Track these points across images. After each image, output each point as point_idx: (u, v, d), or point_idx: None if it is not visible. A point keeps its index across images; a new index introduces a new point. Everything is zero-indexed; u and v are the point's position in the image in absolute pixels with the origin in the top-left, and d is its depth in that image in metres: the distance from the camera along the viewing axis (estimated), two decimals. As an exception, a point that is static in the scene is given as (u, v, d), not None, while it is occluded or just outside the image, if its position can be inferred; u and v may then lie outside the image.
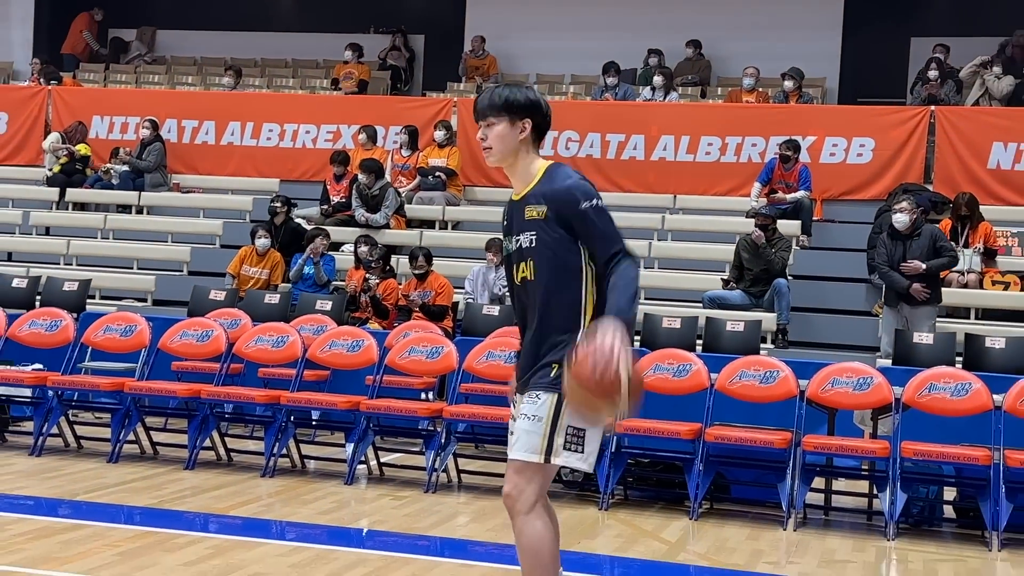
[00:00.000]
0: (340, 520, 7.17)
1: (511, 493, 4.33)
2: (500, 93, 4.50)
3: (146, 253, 13.84)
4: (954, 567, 6.77)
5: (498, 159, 4.49)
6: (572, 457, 4.31)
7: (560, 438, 4.27)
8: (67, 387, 8.79)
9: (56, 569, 5.55)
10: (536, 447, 4.28)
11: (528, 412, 4.31)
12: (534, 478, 4.32)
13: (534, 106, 4.46)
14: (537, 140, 4.51)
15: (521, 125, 4.44)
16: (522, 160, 4.48)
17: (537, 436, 4.28)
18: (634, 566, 6.40)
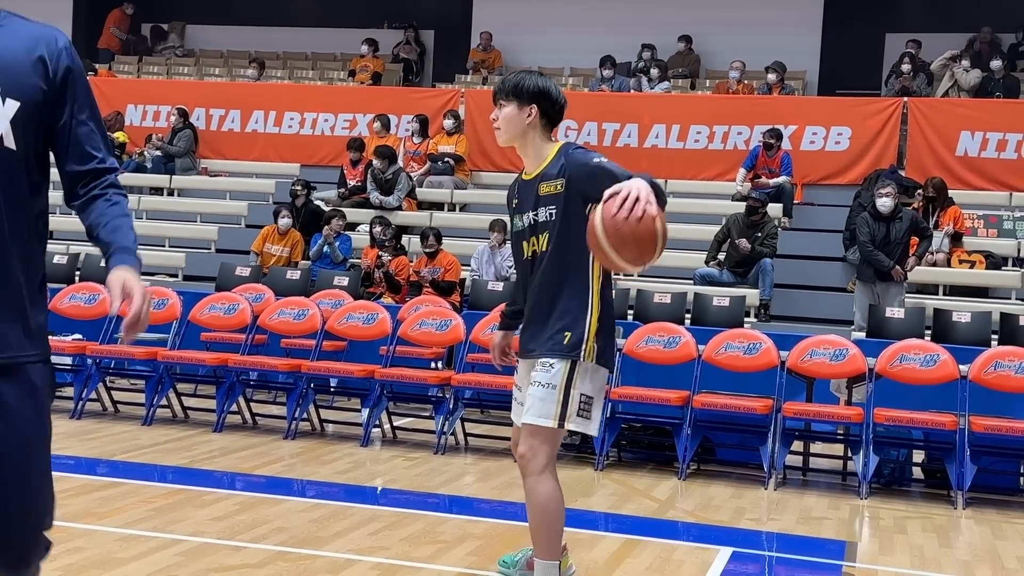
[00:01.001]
0: (356, 479, 7.19)
1: (526, 454, 4.37)
2: (512, 79, 4.51)
3: (177, 232, 13.85)
4: (922, 524, 6.78)
5: (505, 139, 4.50)
6: (582, 423, 4.36)
7: (573, 405, 4.31)
8: (105, 355, 8.83)
9: (95, 523, 5.58)
10: (550, 413, 4.30)
11: (542, 380, 4.32)
12: (547, 441, 4.36)
13: (542, 93, 4.44)
14: (548, 125, 4.50)
15: (528, 110, 4.43)
16: (531, 142, 4.47)
17: (551, 403, 4.30)
18: (627, 522, 6.42)
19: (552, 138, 4.54)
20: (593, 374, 4.36)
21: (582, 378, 4.32)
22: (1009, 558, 6.06)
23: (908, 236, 10.60)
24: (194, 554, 5.14)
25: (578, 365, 4.31)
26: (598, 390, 4.41)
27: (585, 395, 4.33)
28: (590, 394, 4.35)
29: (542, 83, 4.48)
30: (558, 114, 4.53)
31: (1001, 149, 13.37)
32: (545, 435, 4.33)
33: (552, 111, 4.49)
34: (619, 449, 8.30)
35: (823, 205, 13.53)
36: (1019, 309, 10.75)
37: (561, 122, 4.61)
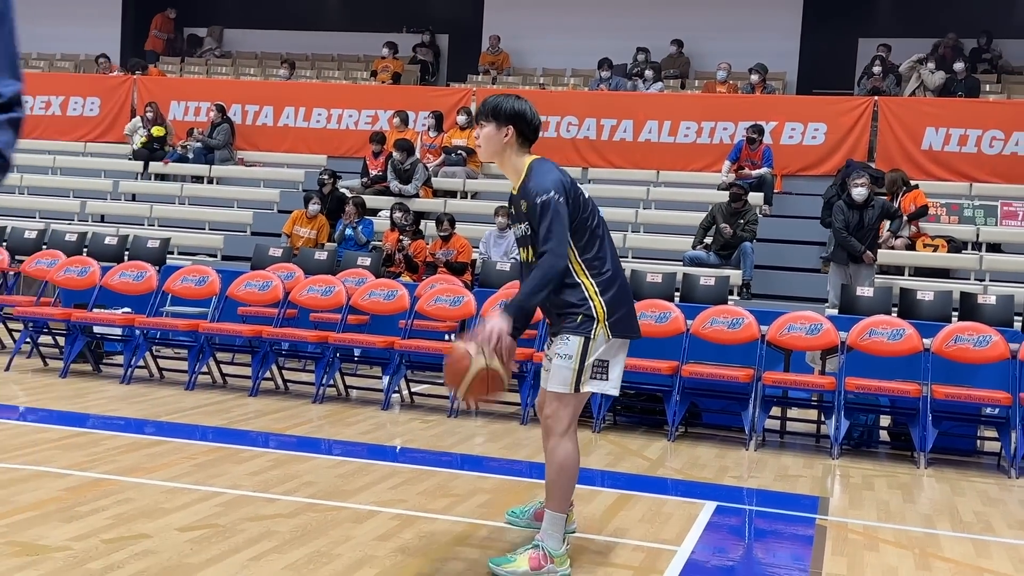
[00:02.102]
0: (377, 439, 7.22)
1: (550, 417, 4.43)
2: (491, 101, 4.54)
3: (215, 217, 13.86)
4: (887, 481, 6.81)
5: (486, 156, 4.57)
6: (598, 384, 4.41)
7: (587, 372, 4.37)
8: (151, 327, 8.85)
9: (143, 477, 5.61)
10: (567, 380, 4.37)
11: (560, 352, 4.39)
12: (568, 405, 4.41)
13: (518, 115, 4.47)
14: (524, 143, 4.51)
15: (505, 130, 4.46)
16: (508, 159, 4.51)
17: (568, 371, 4.36)
18: (621, 479, 6.44)
19: (528, 153, 4.53)
20: (608, 344, 4.39)
21: (597, 349, 4.37)
22: (966, 512, 6.08)
23: (879, 222, 10.63)
24: (232, 505, 5.17)
25: (592, 342, 4.35)
26: (615, 353, 4.44)
27: (599, 360, 4.38)
28: (605, 359, 4.39)
29: (518, 106, 4.49)
30: (533, 133, 4.53)
31: (963, 144, 13.35)
32: (565, 400, 4.39)
33: (527, 131, 4.50)
34: (614, 413, 8.32)
35: (800, 194, 13.51)
36: (977, 288, 10.75)
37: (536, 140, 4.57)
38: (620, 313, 4.41)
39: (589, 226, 4.44)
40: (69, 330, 8.99)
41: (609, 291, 4.39)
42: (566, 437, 4.39)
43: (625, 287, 4.52)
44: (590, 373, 4.37)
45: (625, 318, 4.45)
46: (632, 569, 4.59)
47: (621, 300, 4.44)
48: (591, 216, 4.46)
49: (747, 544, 5.34)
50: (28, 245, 11.72)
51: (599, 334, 4.35)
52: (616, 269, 4.47)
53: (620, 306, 4.42)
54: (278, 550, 4.52)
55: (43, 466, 5.68)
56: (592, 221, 4.46)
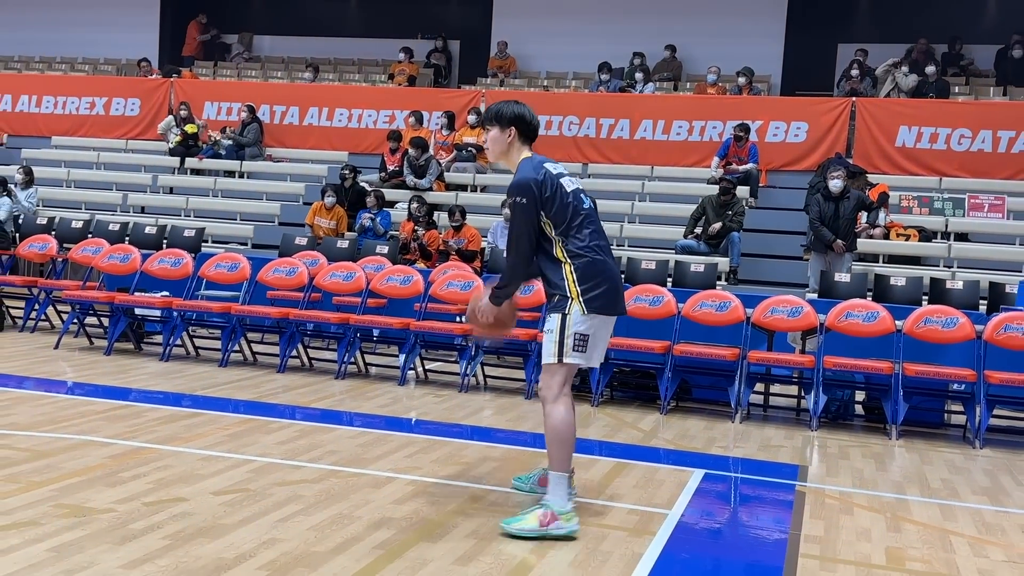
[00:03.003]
0: (394, 412, 7.24)
1: (542, 386, 4.58)
2: (494, 108, 4.72)
3: (246, 208, 13.87)
4: (861, 451, 6.81)
5: (494, 156, 4.74)
6: (578, 357, 4.52)
7: (568, 344, 4.48)
8: (188, 309, 8.87)
9: (181, 445, 5.64)
10: (552, 352, 4.52)
11: (546, 328, 4.59)
12: (556, 374, 4.53)
13: (518, 118, 4.67)
14: (525, 142, 4.70)
15: (508, 132, 4.64)
16: (512, 158, 4.68)
17: (552, 344, 4.52)
18: (618, 448, 6.46)
19: (528, 150, 4.71)
20: (586, 320, 4.48)
21: (574, 324, 4.48)
22: (934, 480, 6.09)
23: (855, 213, 10.59)
24: (262, 471, 5.20)
25: (568, 317, 4.48)
26: (596, 330, 4.52)
27: (580, 334, 4.48)
28: (584, 332, 4.49)
29: (518, 109, 4.68)
30: (533, 132, 4.71)
31: (933, 141, 13.33)
32: (552, 370, 4.52)
33: (528, 131, 4.69)
34: (612, 389, 8.34)
35: (784, 187, 13.49)
36: (946, 275, 10.73)
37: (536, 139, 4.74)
38: (597, 292, 4.48)
39: (568, 215, 4.52)
40: (112, 312, 9.02)
41: (587, 272, 4.49)
42: (558, 403, 4.49)
43: (607, 269, 4.55)
44: (571, 346, 4.48)
45: (603, 296, 4.50)
46: (627, 530, 4.61)
47: (600, 280, 4.50)
48: (571, 207, 4.53)
49: (732, 508, 5.36)
50: (75, 234, 11.74)
51: (574, 310, 4.48)
52: (598, 253, 4.54)
53: (598, 286, 4.49)
54: (304, 512, 4.54)
55: (89, 436, 5.71)
56: (572, 211, 4.53)
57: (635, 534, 4.55)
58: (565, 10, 18.00)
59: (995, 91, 15.67)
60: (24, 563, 3.69)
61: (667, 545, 4.43)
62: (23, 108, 16.76)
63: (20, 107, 16.77)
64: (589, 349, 4.51)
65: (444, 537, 4.33)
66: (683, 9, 17.47)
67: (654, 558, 4.24)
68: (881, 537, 4.77)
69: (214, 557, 3.88)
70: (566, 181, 4.59)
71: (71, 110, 16.54)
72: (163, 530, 4.15)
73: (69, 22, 20.12)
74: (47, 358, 8.42)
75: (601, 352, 4.64)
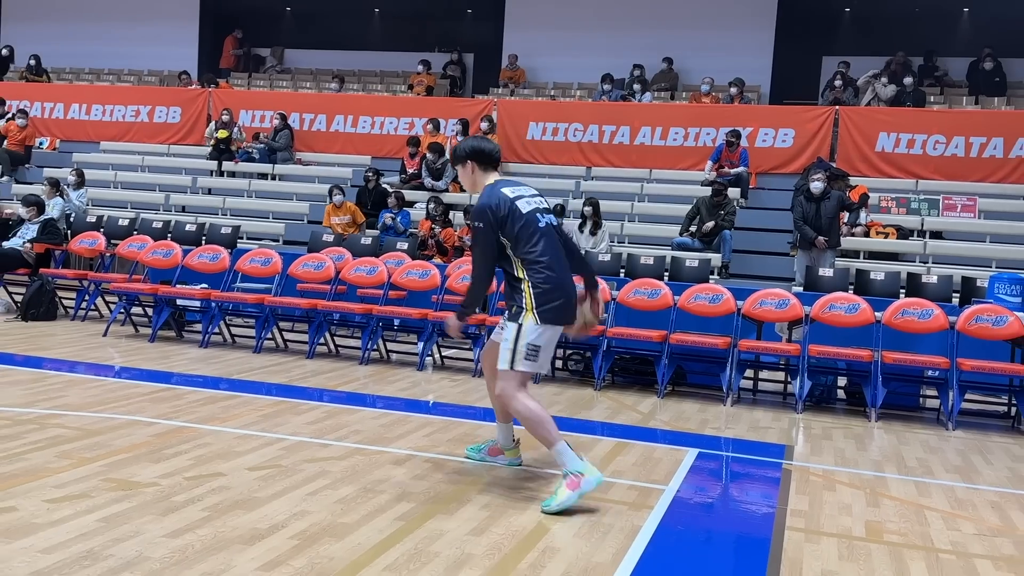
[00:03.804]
0: (413, 394, 7.24)
1: (500, 392, 4.67)
2: (452, 150, 4.92)
3: (278, 207, 13.88)
4: (843, 432, 6.79)
5: (468, 188, 4.86)
6: (529, 365, 4.58)
7: (520, 353, 4.55)
8: (224, 300, 8.89)
9: (218, 425, 5.65)
10: (506, 360, 4.59)
11: (504, 336, 4.63)
12: (511, 379, 4.60)
13: (473, 151, 4.75)
14: (487, 169, 4.77)
15: (469, 166, 4.74)
16: (480, 185, 4.76)
17: (507, 351, 4.58)
18: (618, 429, 6.46)
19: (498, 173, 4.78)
20: (539, 331, 4.53)
21: (528, 335, 4.53)
22: (910, 459, 6.07)
23: (836, 212, 10.53)
24: (292, 449, 5.21)
25: (522, 328, 4.53)
26: (546, 341, 4.58)
27: (532, 344, 4.54)
28: (536, 344, 4.54)
29: (472, 144, 4.78)
30: (490, 159, 4.76)
31: (911, 147, 13.26)
32: (507, 376, 4.60)
33: (485, 159, 4.75)
34: (613, 374, 8.33)
35: (772, 189, 13.43)
36: (921, 270, 10.69)
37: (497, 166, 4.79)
38: (551, 304, 4.53)
39: (524, 235, 4.55)
40: (156, 302, 9.04)
41: (542, 286, 4.52)
42: (517, 400, 4.56)
43: (561, 285, 4.58)
44: (523, 355, 4.53)
45: (555, 310, 4.55)
46: (627, 504, 4.61)
47: (554, 296, 4.54)
48: (527, 227, 4.55)
49: (724, 484, 5.35)
50: (121, 231, 11.78)
51: (528, 320, 4.52)
52: (553, 270, 4.56)
53: (552, 300, 4.53)
54: (331, 487, 4.55)
55: (135, 416, 5.73)
56: (527, 232, 4.55)
57: (635, 508, 4.55)
58: (570, 26, 17.96)
59: (967, 100, 15.62)
60: (76, 532, 3.70)
61: (664, 518, 4.43)
62: (74, 116, 16.80)
63: (72, 115, 16.82)
64: (540, 358, 4.58)
65: (459, 510, 4.33)
66: (679, 25, 17.43)
67: (652, 530, 4.24)
68: (861, 511, 4.76)
69: (249, 527, 3.89)
70: (522, 204, 4.60)
71: (118, 117, 16.57)
72: (203, 502, 4.16)
73: (116, 37, 20.16)
74: (96, 345, 8.45)
75: (549, 356, 4.76)
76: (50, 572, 3.30)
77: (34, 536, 3.63)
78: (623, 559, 3.82)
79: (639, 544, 4.03)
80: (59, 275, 10.09)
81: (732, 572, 3.87)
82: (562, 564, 3.72)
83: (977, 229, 11.88)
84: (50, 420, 5.49)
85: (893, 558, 4.07)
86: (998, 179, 12.94)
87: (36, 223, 10.44)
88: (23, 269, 10.17)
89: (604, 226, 11.57)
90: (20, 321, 9.49)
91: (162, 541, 3.67)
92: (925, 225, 11.99)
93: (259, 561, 3.53)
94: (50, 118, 16.84)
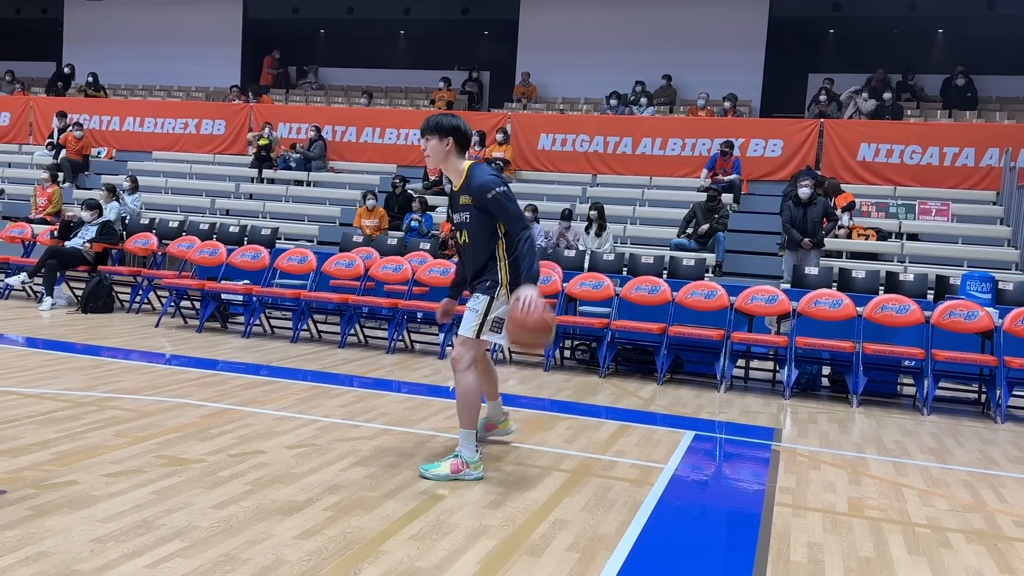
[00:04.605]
0: (435, 381, 7.25)
1: (455, 356, 4.42)
2: (434, 119, 4.42)
3: (312, 211, 13.92)
4: (827, 417, 6.76)
5: (432, 163, 4.47)
6: (494, 336, 4.37)
7: (487, 325, 4.35)
8: (265, 295, 8.92)
9: (259, 407, 5.66)
10: (471, 328, 4.36)
11: (471, 306, 4.39)
12: (471, 348, 4.39)
13: (455, 129, 4.38)
14: (461, 151, 4.41)
15: (447, 141, 4.36)
16: (451, 164, 4.42)
17: (474, 321, 4.36)
18: (621, 413, 6.44)
19: (466, 158, 4.44)
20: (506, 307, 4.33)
21: (497, 308, 4.34)
22: (889, 441, 6.03)
23: (821, 217, 10.47)
24: (326, 429, 5.22)
25: (494, 301, 4.34)
26: None
27: (498, 317, 4.34)
28: (503, 317, 4.33)
29: (455, 121, 4.39)
30: (467, 142, 4.42)
31: (889, 156, 13.18)
32: (469, 344, 4.37)
33: (463, 140, 4.40)
34: (616, 363, 8.32)
35: (762, 195, 13.38)
36: (899, 269, 10.62)
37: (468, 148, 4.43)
38: None
39: None
40: (203, 297, 9.08)
41: (516, 271, 4.30)
42: (468, 371, 4.35)
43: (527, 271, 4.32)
44: (490, 326, 4.34)
45: None
46: (630, 481, 4.60)
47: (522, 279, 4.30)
48: None
49: (718, 464, 5.33)
50: (171, 232, 11.83)
51: (501, 295, 4.34)
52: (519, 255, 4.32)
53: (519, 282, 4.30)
54: (361, 463, 4.55)
55: (184, 399, 5.76)
56: None
57: (636, 485, 4.54)
58: (578, 46, 17.93)
59: (941, 114, 15.51)
60: (131, 504, 3.72)
61: (663, 494, 4.42)
62: (129, 128, 16.89)
63: (127, 127, 16.91)
64: (504, 331, 4.34)
65: (477, 485, 4.33)
66: (677, 45, 17.37)
67: (652, 504, 4.22)
68: (844, 489, 4.73)
69: (287, 500, 3.90)
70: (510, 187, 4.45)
71: (168, 130, 16.65)
72: (245, 477, 4.18)
73: (166, 57, 20.25)
74: (149, 335, 8.50)
75: None
76: (108, 539, 3.32)
77: (94, 507, 3.65)
78: (626, 531, 3.81)
79: (641, 517, 4.02)
80: (115, 272, 10.15)
81: (726, 543, 3.86)
82: (571, 535, 3.72)
83: (950, 231, 11.79)
84: (108, 403, 5.52)
85: (873, 531, 4.05)
86: (969, 186, 12.86)
87: (95, 225, 10.50)
88: (83, 267, 10.24)
89: (608, 228, 11.55)
90: (80, 313, 9.55)
91: (209, 512, 3.68)
92: (902, 228, 11.92)
93: (296, 530, 3.54)
94: (107, 130, 16.94)
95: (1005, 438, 6.40)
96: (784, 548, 3.73)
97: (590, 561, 3.43)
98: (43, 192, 13.42)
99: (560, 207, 11.98)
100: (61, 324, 8.80)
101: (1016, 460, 5.70)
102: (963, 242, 11.59)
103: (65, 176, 15.25)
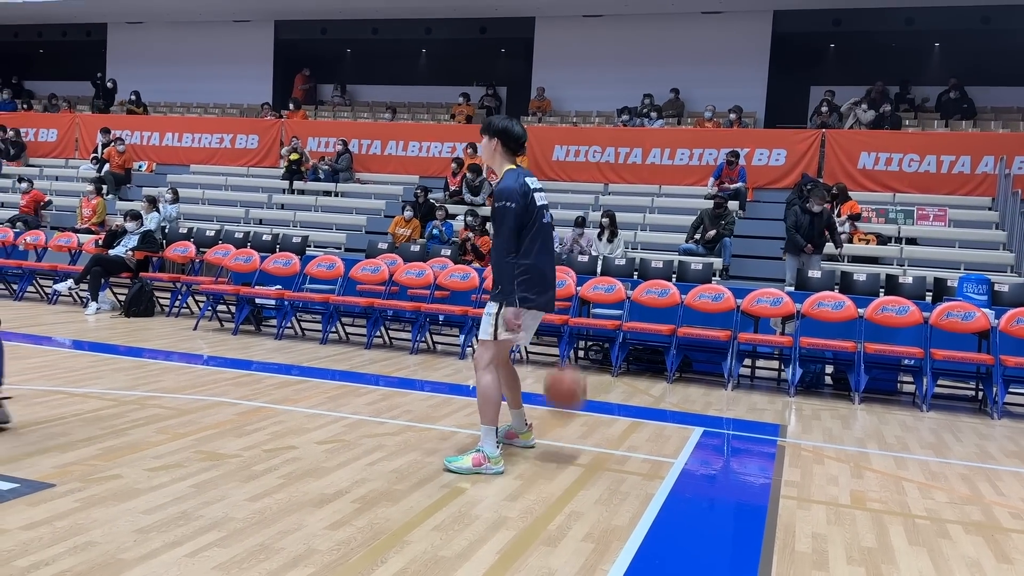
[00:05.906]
0: (456, 380, 7.25)
1: (475, 356, 4.45)
2: (487, 119, 4.42)
3: (340, 220, 13.97)
4: (830, 414, 6.71)
5: (484, 161, 4.57)
6: (509, 334, 4.36)
7: (502, 327, 4.36)
8: (296, 299, 8.97)
9: (291, 405, 5.68)
10: (488, 331, 4.39)
11: (486, 311, 4.42)
12: (489, 349, 4.41)
13: (504, 131, 4.33)
14: (509, 153, 4.36)
15: (494, 142, 4.34)
16: (496, 164, 4.41)
17: (489, 325, 4.39)
18: (633, 410, 6.42)
19: (515, 163, 4.37)
20: (518, 310, 4.32)
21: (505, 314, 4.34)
22: (889, 437, 5.98)
23: (824, 227, 10.42)
24: (354, 426, 5.23)
25: (504, 305, 4.33)
26: (528, 322, 4.41)
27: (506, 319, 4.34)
28: None
29: (505, 123, 4.34)
30: (516, 146, 4.35)
31: (888, 164, 13.09)
32: (487, 345, 4.40)
33: (511, 144, 4.34)
34: (628, 363, 8.30)
35: (767, 202, 13.31)
36: (898, 272, 10.52)
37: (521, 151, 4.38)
38: (529, 293, 4.30)
39: (530, 225, 4.30)
40: (238, 301, 9.14)
41: (525, 276, 4.28)
42: (486, 371, 4.35)
43: (542, 277, 4.34)
44: (504, 328, 4.33)
45: (536, 296, 4.34)
46: (641, 475, 4.58)
47: (534, 285, 4.31)
48: (535, 220, 4.31)
49: (726, 458, 5.30)
50: (208, 240, 11.92)
51: (510, 303, 4.31)
52: (538, 261, 4.31)
53: (532, 289, 4.30)
54: (387, 459, 4.57)
55: (221, 397, 5.79)
56: (535, 224, 4.30)
57: (648, 478, 4.53)
58: (590, 62, 17.92)
59: (938, 124, 15.39)
60: (172, 496, 3.75)
61: (674, 487, 4.40)
62: (168, 143, 17.05)
63: (166, 142, 17.07)
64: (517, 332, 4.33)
65: (496, 479, 4.33)
66: (685, 60, 17.32)
67: (663, 497, 4.21)
68: (847, 482, 4.70)
69: (318, 493, 3.92)
70: (538, 196, 4.36)
71: (205, 144, 16.79)
72: (279, 471, 4.20)
73: (203, 76, 20.43)
74: (187, 337, 8.56)
75: (530, 333, 4.54)
76: (151, 530, 3.35)
77: (136, 499, 3.68)
78: (638, 522, 3.80)
79: (652, 510, 4.01)
80: (156, 278, 10.24)
81: (733, 535, 3.84)
82: (585, 526, 3.71)
83: (947, 236, 11.69)
84: (149, 401, 5.56)
85: (875, 523, 4.01)
86: (966, 192, 12.74)
87: (137, 234, 10.60)
88: (126, 273, 10.33)
89: (620, 235, 11.52)
90: (123, 317, 9.64)
91: (244, 504, 3.71)
92: (902, 233, 11.82)
93: (327, 521, 3.56)
94: (148, 145, 17.10)
95: (1001, 433, 6.33)
96: (789, 539, 3.71)
97: (604, 551, 3.42)
98: (88, 203, 13.58)
99: (574, 215, 11.97)
100: (105, 327, 8.89)
101: (1012, 454, 5.63)
102: (960, 246, 11.48)
103: (108, 188, 15.41)
